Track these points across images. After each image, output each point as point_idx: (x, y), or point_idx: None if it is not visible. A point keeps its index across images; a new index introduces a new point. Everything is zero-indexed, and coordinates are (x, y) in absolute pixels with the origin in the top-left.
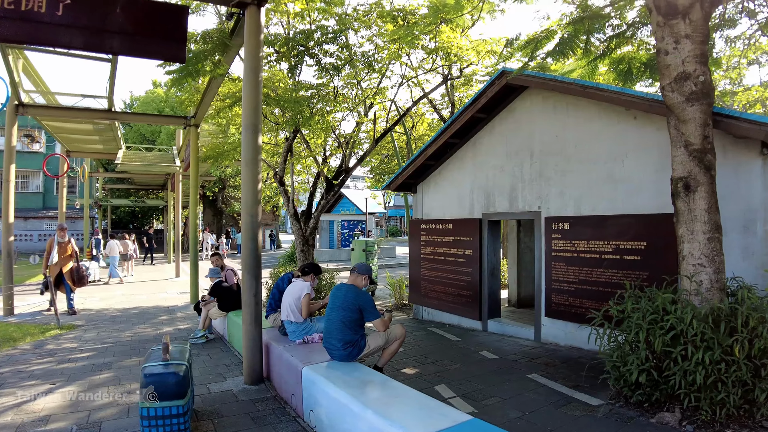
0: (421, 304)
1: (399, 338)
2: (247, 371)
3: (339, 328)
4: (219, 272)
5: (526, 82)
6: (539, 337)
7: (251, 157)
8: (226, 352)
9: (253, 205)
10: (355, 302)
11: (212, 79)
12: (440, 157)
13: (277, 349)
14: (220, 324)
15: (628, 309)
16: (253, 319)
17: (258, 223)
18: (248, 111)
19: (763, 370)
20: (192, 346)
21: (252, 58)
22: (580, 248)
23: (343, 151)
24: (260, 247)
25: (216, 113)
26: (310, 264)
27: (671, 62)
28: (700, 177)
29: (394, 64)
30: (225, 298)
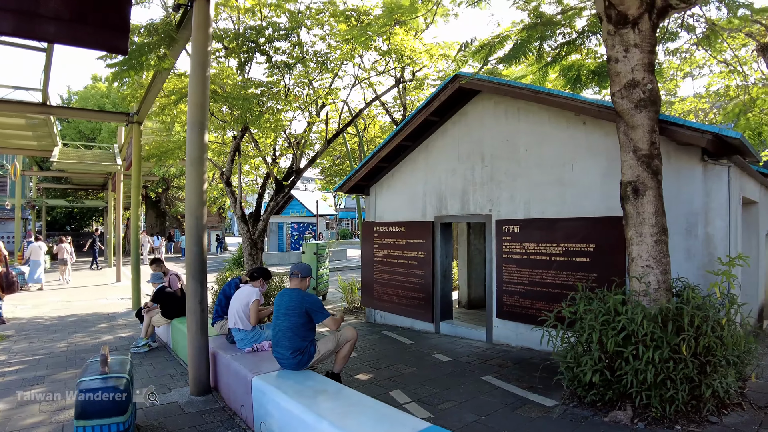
0: (374, 308)
1: (350, 340)
2: (193, 381)
3: (287, 335)
4: (162, 277)
5: (479, 86)
6: (491, 338)
7: (196, 156)
8: (171, 361)
9: (198, 207)
10: (301, 305)
11: (157, 73)
12: (393, 159)
13: (224, 358)
14: (164, 331)
15: (580, 310)
16: (199, 327)
17: (203, 225)
18: (194, 107)
19: (708, 367)
20: (134, 356)
21: (200, 52)
22: (531, 250)
23: (294, 152)
24: (205, 250)
25: (160, 110)
26: (258, 268)
27: (621, 70)
28: (648, 181)
29: (347, 65)
30: (169, 304)
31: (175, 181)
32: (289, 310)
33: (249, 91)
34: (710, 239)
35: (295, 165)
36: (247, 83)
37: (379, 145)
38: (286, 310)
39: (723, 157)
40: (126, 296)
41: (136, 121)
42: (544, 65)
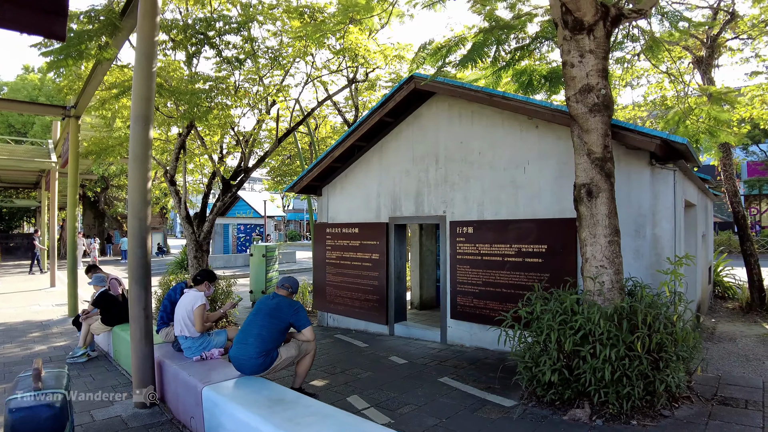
0: (327, 311)
1: (311, 351)
2: (137, 392)
3: (261, 336)
4: (104, 279)
5: (435, 88)
6: (445, 339)
7: (141, 153)
8: (112, 371)
9: (142, 207)
10: (288, 313)
11: (97, 64)
12: (347, 159)
13: (171, 368)
14: (105, 340)
15: (537, 310)
16: (143, 334)
17: (147, 226)
18: (139, 100)
19: (661, 363)
20: (71, 368)
21: (145, 42)
22: (484, 251)
23: (242, 150)
24: (150, 254)
25: (100, 104)
26: (203, 271)
27: (576, 74)
28: (602, 184)
29: (299, 63)
30: (110, 310)
31: (115, 180)
32: (275, 313)
33: (197, 86)
34: (657, 240)
35: (244, 164)
36: (195, 78)
37: (332, 144)
38: (270, 311)
39: (669, 161)
40: (61, 302)
41: (74, 115)
42: (497, 69)
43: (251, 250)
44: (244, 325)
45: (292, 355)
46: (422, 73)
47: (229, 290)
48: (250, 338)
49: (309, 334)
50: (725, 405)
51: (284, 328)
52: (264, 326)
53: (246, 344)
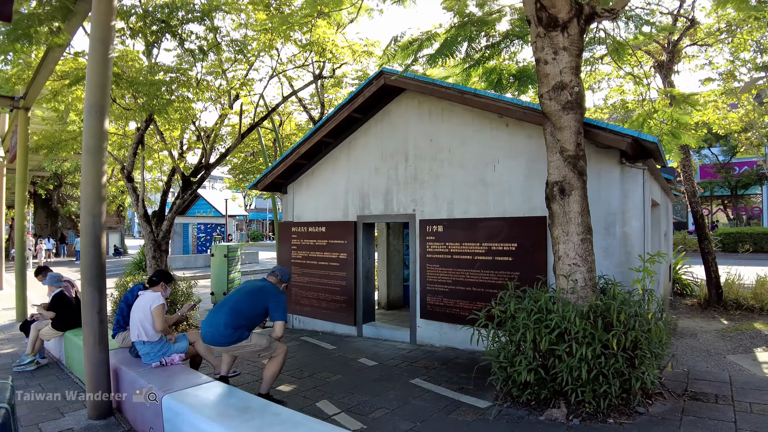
0: (292, 312)
1: (281, 354)
2: (91, 403)
3: (234, 308)
4: (61, 279)
5: (405, 84)
6: (415, 339)
7: (95, 145)
8: (64, 379)
9: (96, 204)
10: (269, 299)
11: (49, 50)
12: (313, 156)
13: (129, 375)
14: (56, 346)
15: (511, 309)
16: (97, 340)
17: (102, 225)
18: (94, 89)
19: (637, 360)
20: (17, 377)
21: (101, 26)
22: (454, 250)
23: (204, 146)
24: (104, 253)
25: (53, 96)
26: (158, 272)
27: (550, 72)
28: (574, 181)
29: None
30: (63, 313)
31: (69, 177)
32: (256, 293)
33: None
34: (627, 238)
35: (205, 160)
36: (155, 69)
37: (299, 140)
38: (252, 291)
39: (639, 160)
40: (8, 306)
41: (23, 107)
42: (467, 67)
43: (212, 251)
44: (224, 299)
45: (262, 346)
46: (392, 69)
47: (189, 292)
48: (225, 308)
49: (279, 330)
50: (697, 400)
51: (261, 313)
52: (241, 302)
53: (218, 313)
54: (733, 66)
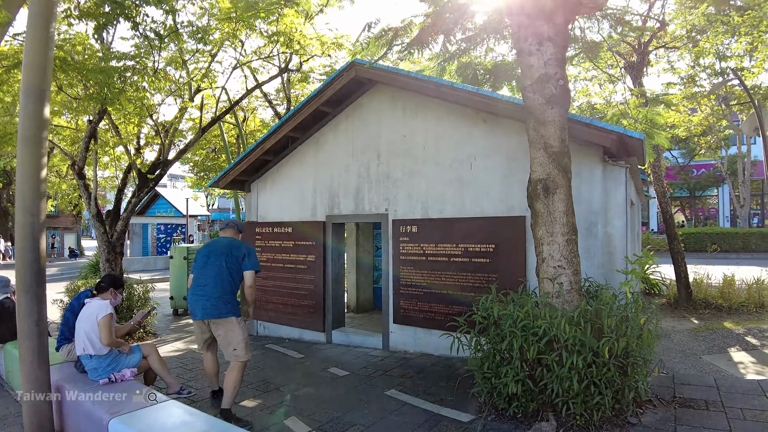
0: (256, 318)
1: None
2: (29, 425)
3: (219, 275)
4: (8, 283)
5: (378, 76)
6: (388, 345)
7: (33, 134)
8: (4, 397)
9: (35, 200)
10: (242, 245)
11: None
12: (280, 152)
13: (72, 393)
14: None
15: (494, 315)
16: (36, 354)
17: (41, 225)
18: (31, 71)
19: (629, 368)
20: None
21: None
22: (429, 252)
23: (162, 140)
24: (44, 257)
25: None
26: (107, 277)
27: (534, 63)
28: (559, 179)
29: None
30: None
31: None
32: (228, 250)
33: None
34: (610, 239)
35: (163, 155)
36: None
37: (263, 135)
38: (223, 249)
39: (622, 158)
40: None
41: None
42: (441, 61)
43: (172, 252)
44: (197, 273)
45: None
46: (364, 60)
47: (147, 296)
48: (210, 280)
49: (250, 279)
50: (687, 407)
51: (239, 270)
52: (221, 266)
53: (205, 286)
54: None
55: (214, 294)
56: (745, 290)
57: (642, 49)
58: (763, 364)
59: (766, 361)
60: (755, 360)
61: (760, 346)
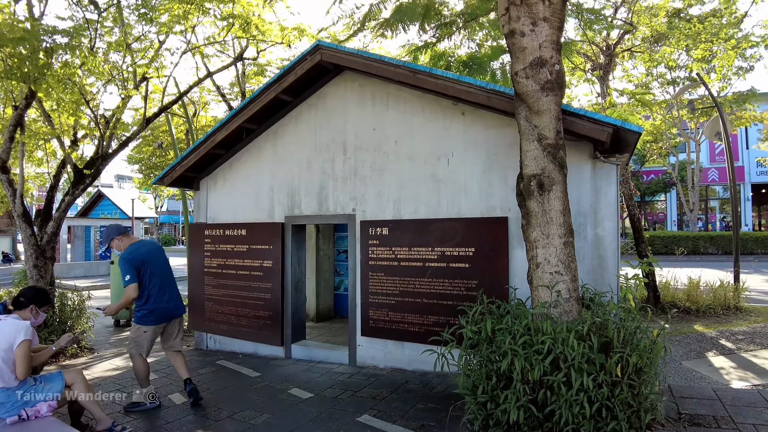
0: (206, 331)
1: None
2: None
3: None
4: None
5: (346, 61)
6: (355, 360)
7: None
8: None
9: None
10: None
11: None
12: (233, 145)
13: None
14: None
15: (487, 329)
16: None
17: None
18: None
19: (644, 387)
20: None
21: None
22: (402, 256)
23: (101, 132)
24: None
25: None
26: (29, 290)
27: (527, 45)
28: (555, 175)
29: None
30: None
31: None
32: (163, 254)
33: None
34: (600, 241)
35: (101, 149)
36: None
37: (215, 125)
38: (161, 253)
39: (615, 153)
40: None
41: None
42: (414, 49)
43: (113, 257)
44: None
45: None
46: (330, 43)
47: (83, 307)
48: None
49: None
50: (697, 425)
51: None
52: (171, 273)
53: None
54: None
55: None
56: (709, 292)
57: (610, 51)
58: (745, 369)
59: (747, 365)
60: (736, 365)
61: (736, 350)
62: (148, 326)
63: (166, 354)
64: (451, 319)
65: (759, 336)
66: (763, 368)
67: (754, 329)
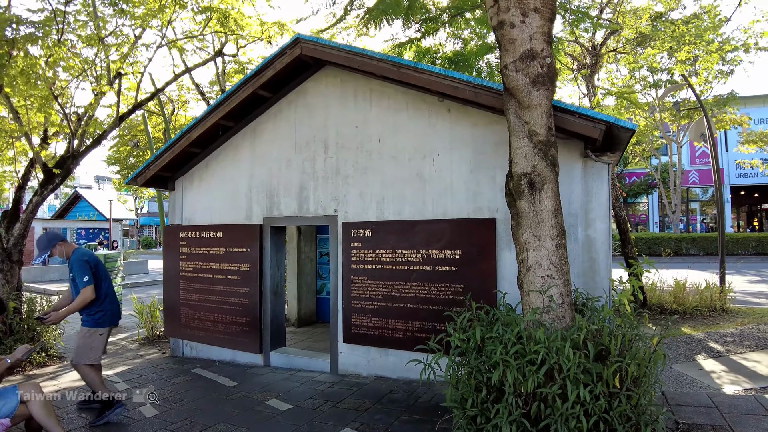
0: (182, 337)
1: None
2: None
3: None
4: None
5: (327, 55)
6: (336, 368)
7: None
8: None
9: None
10: None
11: None
12: (209, 143)
13: None
14: None
15: (476, 337)
16: None
17: None
18: None
19: (643, 398)
20: None
21: None
22: (386, 259)
23: (71, 129)
24: None
25: None
26: None
27: (517, 37)
28: (546, 173)
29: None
30: None
31: None
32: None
33: None
34: (591, 243)
35: (71, 147)
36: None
37: (190, 122)
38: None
39: (607, 152)
40: None
41: None
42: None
43: None
44: (110, 283)
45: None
46: (311, 36)
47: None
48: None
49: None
50: None
51: None
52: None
53: (114, 293)
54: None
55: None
56: (694, 294)
57: (596, 51)
58: (737, 373)
59: (738, 369)
60: (726, 368)
61: (725, 353)
62: (104, 328)
63: (78, 368)
64: (437, 324)
65: (747, 338)
66: (753, 371)
67: (741, 331)
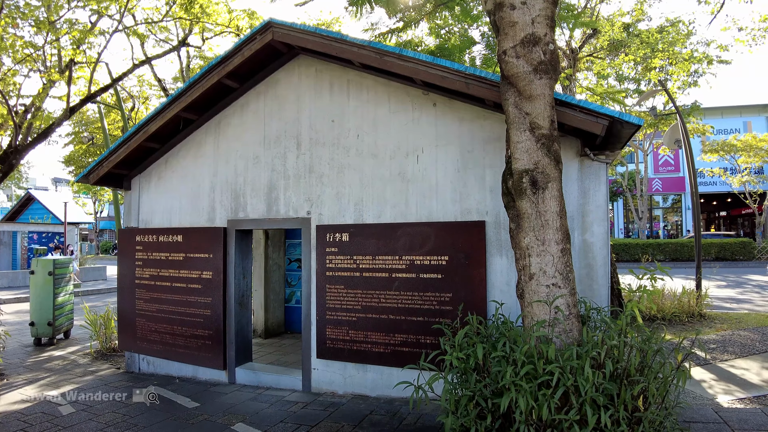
0: (138, 351)
1: None
2: None
3: None
4: None
5: (302, 41)
6: (309, 386)
7: None
8: None
9: None
10: None
11: None
12: (169, 138)
13: None
14: None
15: (477, 356)
16: None
17: None
18: None
19: (667, 422)
20: None
21: None
22: (365, 266)
23: (14, 121)
24: None
25: None
26: None
27: (518, 20)
28: (550, 170)
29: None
30: None
31: None
32: None
33: None
34: (589, 248)
35: (14, 141)
36: None
37: (148, 114)
38: None
39: (605, 150)
40: None
41: None
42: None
43: (34, 266)
44: None
45: None
46: (284, 21)
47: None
48: None
49: None
50: None
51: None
52: None
53: None
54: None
55: None
56: (672, 299)
57: (574, 55)
58: (727, 381)
59: (728, 377)
60: (716, 377)
61: (711, 360)
62: None
63: None
64: (422, 337)
65: (730, 344)
66: (744, 379)
67: (723, 337)
